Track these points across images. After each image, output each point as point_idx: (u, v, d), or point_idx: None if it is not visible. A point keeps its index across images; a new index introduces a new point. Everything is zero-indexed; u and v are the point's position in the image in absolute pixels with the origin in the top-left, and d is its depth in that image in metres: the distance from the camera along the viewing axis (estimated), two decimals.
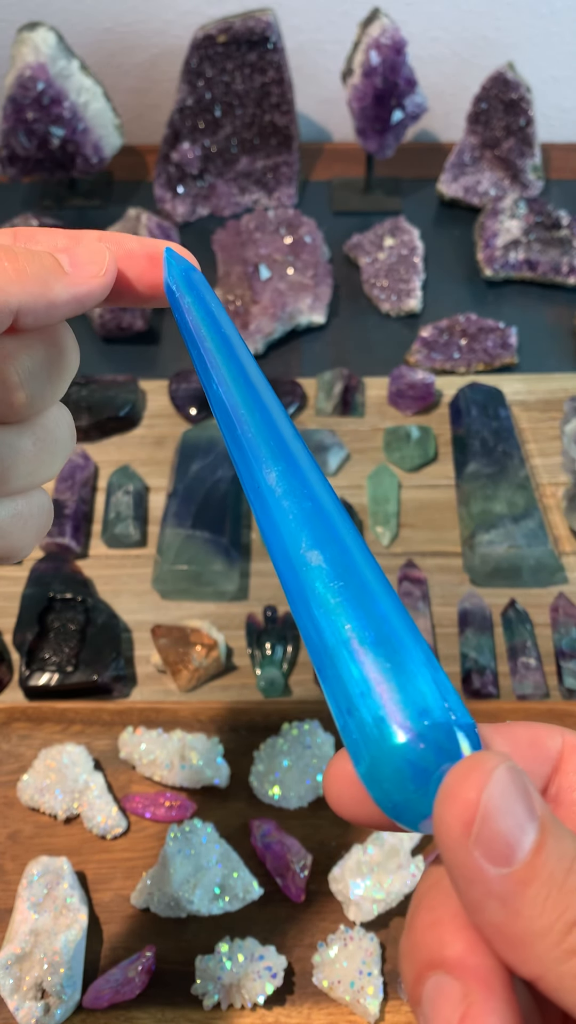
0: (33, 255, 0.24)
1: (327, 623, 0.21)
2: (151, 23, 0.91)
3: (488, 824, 0.16)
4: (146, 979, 0.48)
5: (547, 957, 0.15)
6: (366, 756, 0.19)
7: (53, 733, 0.56)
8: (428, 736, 0.18)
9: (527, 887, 0.16)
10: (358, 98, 0.83)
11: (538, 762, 0.20)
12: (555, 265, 0.83)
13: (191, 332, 0.27)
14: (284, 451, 0.24)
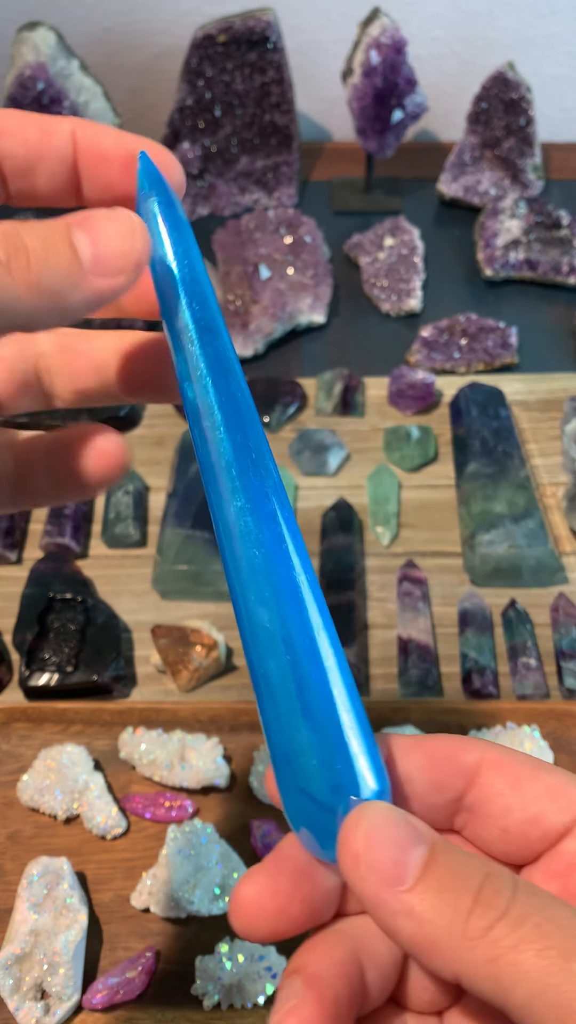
0: (47, 252, 0.21)
1: (265, 686, 0.22)
2: (151, 23, 0.91)
3: (372, 853, 0.18)
4: (146, 979, 0.48)
5: (456, 951, 0.17)
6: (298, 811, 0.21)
7: (53, 733, 0.56)
8: (330, 811, 0.20)
9: (422, 896, 0.18)
10: (358, 98, 0.83)
11: (453, 775, 0.22)
12: (555, 265, 0.83)
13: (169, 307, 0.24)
14: (248, 483, 0.22)
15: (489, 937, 0.17)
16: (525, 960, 0.16)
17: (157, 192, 0.24)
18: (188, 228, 0.24)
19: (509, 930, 0.17)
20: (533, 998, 0.16)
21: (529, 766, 0.22)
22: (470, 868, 0.18)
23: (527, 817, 0.21)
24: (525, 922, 0.17)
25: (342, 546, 0.64)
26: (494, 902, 0.17)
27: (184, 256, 0.24)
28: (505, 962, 0.17)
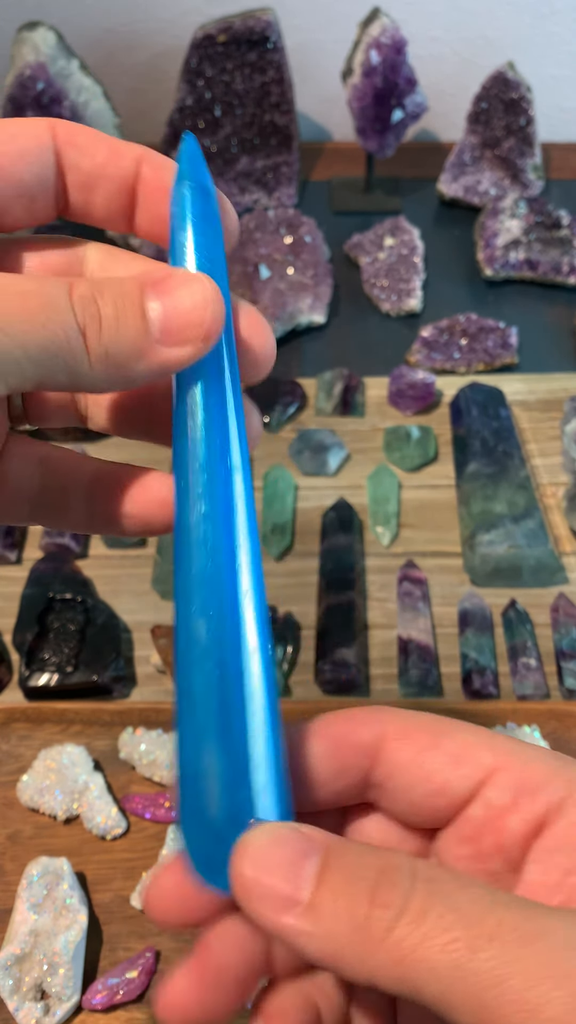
0: (119, 321, 0.20)
1: (186, 701, 0.21)
2: (151, 23, 0.91)
3: (262, 880, 0.18)
4: (146, 980, 0.48)
5: (362, 958, 0.17)
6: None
7: (53, 733, 0.56)
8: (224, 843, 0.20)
9: (319, 913, 0.17)
10: (358, 98, 0.83)
11: (354, 757, 0.21)
12: (555, 265, 0.83)
13: None
14: (215, 490, 0.22)
15: (392, 939, 0.17)
16: (431, 957, 0.16)
17: (192, 177, 0.23)
18: (218, 228, 0.23)
19: (411, 928, 0.16)
20: (444, 994, 0.16)
21: (431, 734, 0.21)
22: (364, 869, 0.18)
23: (431, 789, 0.21)
24: (426, 916, 0.17)
25: (342, 546, 0.64)
26: (391, 901, 0.17)
27: (207, 262, 0.23)
28: (412, 961, 0.16)
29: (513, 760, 0.21)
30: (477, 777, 0.21)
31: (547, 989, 0.16)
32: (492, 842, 0.21)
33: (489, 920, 0.16)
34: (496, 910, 0.17)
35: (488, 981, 0.16)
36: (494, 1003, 0.16)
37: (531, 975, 0.16)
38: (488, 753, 0.21)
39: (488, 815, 0.21)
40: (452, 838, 0.22)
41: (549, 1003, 0.16)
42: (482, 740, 0.21)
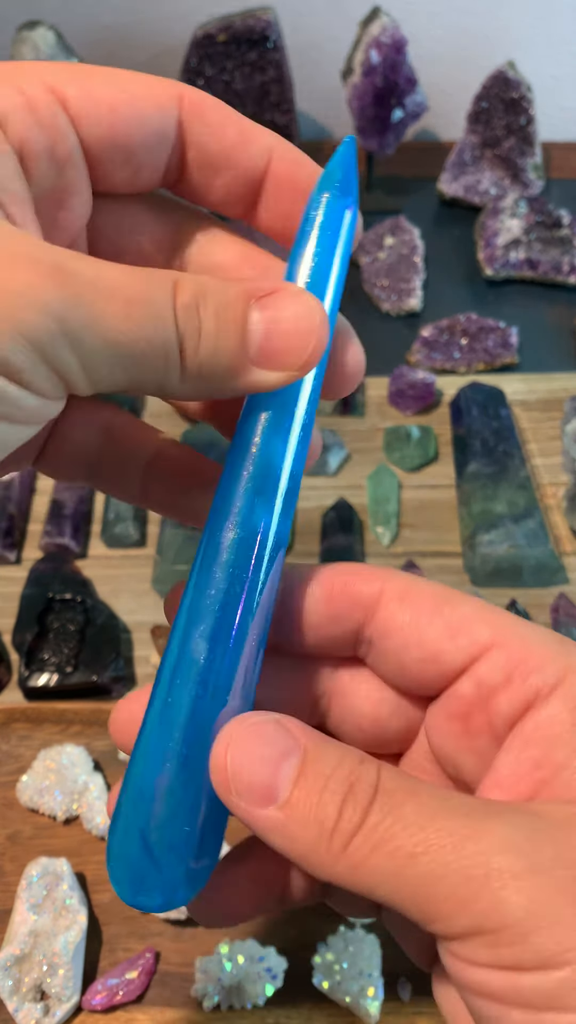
0: (218, 337, 0.18)
1: (161, 715, 0.20)
2: (151, 22, 0.91)
3: (240, 778, 0.18)
4: (146, 980, 0.48)
5: (324, 863, 0.18)
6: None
7: (52, 734, 0.56)
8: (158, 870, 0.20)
9: (291, 815, 0.18)
10: (358, 97, 0.83)
11: (350, 607, 0.22)
12: (556, 264, 0.83)
13: None
14: (253, 516, 0.21)
15: (348, 851, 0.18)
16: (379, 864, 0.18)
17: (339, 185, 0.21)
18: (348, 245, 0.22)
19: (363, 840, 0.18)
20: (392, 895, 0.18)
21: (432, 600, 0.21)
22: (337, 779, 0.18)
23: (424, 655, 0.21)
24: (378, 828, 0.18)
25: (342, 546, 0.64)
26: (354, 816, 0.18)
27: (323, 280, 0.21)
28: (364, 869, 0.18)
29: (511, 638, 0.21)
30: (472, 651, 0.21)
31: (479, 884, 0.17)
32: (481, 721, 0.21)
33: (431, 827, 0.18)
34: (439, 817, 0.18)
35: (426, 881, 0.17)
36: (433, 899, 0.17)
37: (465, 872, 0.17)
38: (486, 628, 0.21)
39: (479, 692, 0.21)
40: (441, 714, 0.22)
41: (479, 898, 0.17)
42: (483, 614, 0.21)
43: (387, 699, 0.23)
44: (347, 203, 0.21)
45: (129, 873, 0.20)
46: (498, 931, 0.17)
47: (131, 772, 0.20)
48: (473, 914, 0.17)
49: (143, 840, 0.20)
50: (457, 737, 0.21)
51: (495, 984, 0.17)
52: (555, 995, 0.16)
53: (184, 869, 0.20)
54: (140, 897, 0.20)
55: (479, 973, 0.17)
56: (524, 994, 0.16)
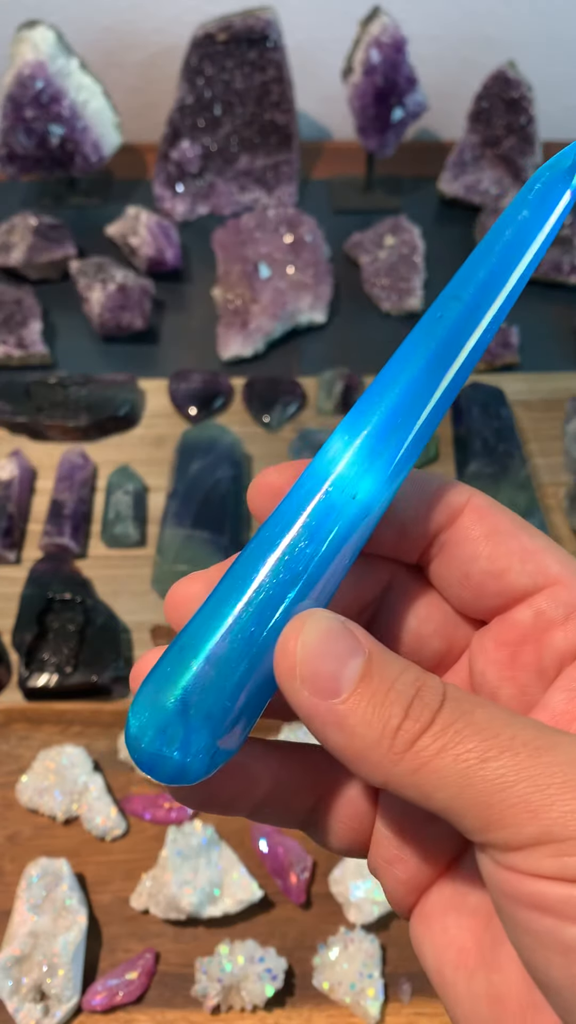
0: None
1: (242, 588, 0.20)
2: (151, 21, 0.91)
3: (307, 665, 0.18)
4: (146, 981, 0.48)
5: (383, 763, 0.18)
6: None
7: (52, 734, 0.56)
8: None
9: (354, 710, 0.18)
10: (359, 96, 0.83)
11: (437, 509, 0.22)
12: (556, 264, 0.83)
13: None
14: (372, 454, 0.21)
15: (414, 749, 0.18)
16: (444, 767, 0.17)
17: (567, 174, 0.21)
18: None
19: (431, 739, 0.17)
20: (452, 800, 0.17)
21: (512, 523, 0.21)
22: (403, 683, 0.18)
23: (492, 569, 0.21)
24: (447, 731, 0.17)
25: None
26: (421, 716, 0.18)
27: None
28: (427, 771, 0.17)
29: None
30: (538, 580, 0.21)
31: (551, 794, 0.17)
32: (531, 653, 0.21)
33: (504, 734, 0.17)
34: (512, 727, 0.18)
35: (495, 787, 0.17)
36: (499, 805, 0.17)
37: (537, 782, 0.17)
38: (558, 564, 0.21)
39: (536, 623, 0.21)
40: (491, 639, 0.22)
41: (552, 806, 0.16)
42: (557, 551, 0.21)
43: (434, 616, 0.23)
44: (569, 184, 0.22)
45: (156, 721, 0.19)
46: (568, 840, 0.16)
47: (189, 631, 0.20)
48: (544, 822, 0.17)
49: (184, 696, 0.19)
50: (503, 666, 0.21)
51: (554, 897, 0.16)
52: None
53: (210, 741, 0.19)
54: (161, 747, 0.19)
55: (539, 885, 0.17)
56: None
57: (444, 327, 0.21)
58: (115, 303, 0.77)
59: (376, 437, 0.20)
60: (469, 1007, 0.19)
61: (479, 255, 0.22)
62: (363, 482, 0.20)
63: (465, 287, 0.21)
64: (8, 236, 0.82)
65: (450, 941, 0.20)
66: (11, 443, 0.72)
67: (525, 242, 0.22)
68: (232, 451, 0.68)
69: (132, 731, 0.19)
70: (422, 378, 0.21)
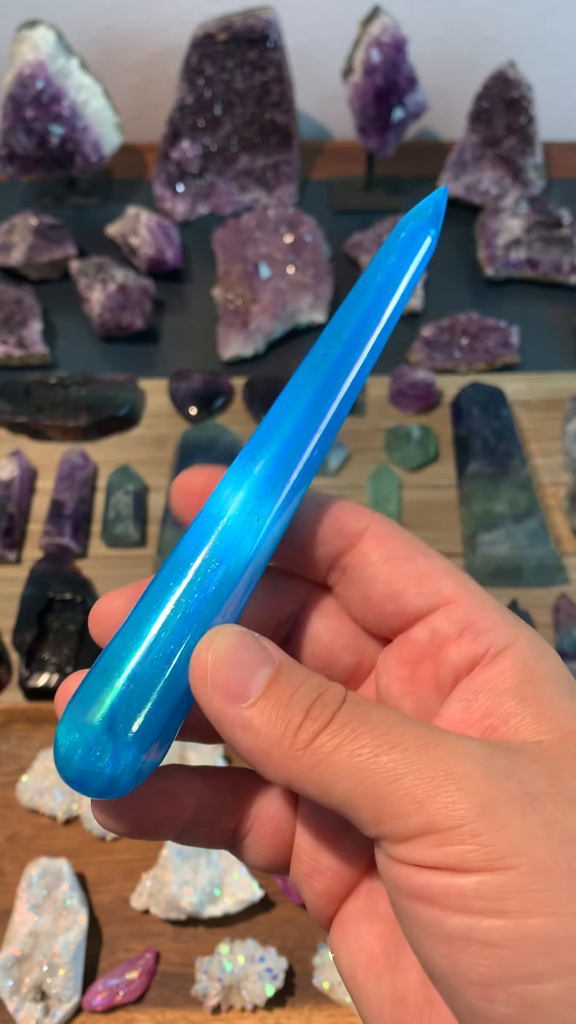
0: None
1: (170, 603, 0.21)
2: (151, 21, 0.91)
3: (217, 672, 0.20)
4: (146, 981, 0.48)
5: (286, 761, 0.19)
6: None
7: (53, 734, 0.56)
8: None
9: (259, 713, 0.19)
10: (359, 96, 0.83)
11: (337, 534, 0.23)
12: (556, 264, 0.83)
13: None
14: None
15: (312, 746, 0.19)
16: (340, 761, 0.18)
17: (429, 223, 0.24)
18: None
19: (329, 737, 0.19)
20: (348, 792, 0.18)
21: (409, 547, 0.23)
22: (306, 688, 0.20)
23: (389, 591, 0.23)
24: (343, 728, 0.19)
25: None
26: (320, 716, 0.19)
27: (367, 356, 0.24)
28: (324, 766, 0.19)
29: (470, 599, 0.22)
30: (432, 600, 0.22)
31: (435, 785, 0.18)
32: (429, 668, 0.22)
33: (395, 732, 0.19)
34: (403, 726, 0.19)
35: (385, 779, 0.18)
36: (390, 797, 0.18)
37: (423, 775, 0.18)
38: (451, 584, 0.22)
39: (432, 641, 0.22)
40: (394, 657, 0.23)
41: (436, 797, 0.18)
42: (451, 572, 0.23)
43: (345, 633, 0.24)
44: (429, 232, 0.25)
45: (85, 738, 0.20)
46: (449, 830, 0.17)
47: (111, 652, 0.21)
48: (428, 812, 0.17)
49: (110, 713, 0.20)
50: (404, 681, 0.23)
51: (437, 887, 0.17)
52: (495, 898, 0.17)
53: (137, 755, 0.20)
54: (92, 763, 0.20)
55: (424, 876, 0.18)
56: (466, 896, 0.17)
57: (327, 364, 0.23)
58: (115, 303, 0.77)
59: (273, 466, 0.22)
60: (376, 1008, 0.21)
61: (356, 296, 0.24)
62: (263, 507, 0.22)
63: (344, 327, 0.24)
64: (8, 236, 0.83)
65: (361, 946, 0.21)
66: (11, 443, 0.72)
67: (393, 285, 0.24)
68: (232, 451, 0.68)
69: (62, 751, 0.20)
70: (309, 411, 0.23)
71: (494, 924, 0.17)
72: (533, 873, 0.17)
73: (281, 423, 0.23)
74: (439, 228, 0.25)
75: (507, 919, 0.17)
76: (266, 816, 0.23)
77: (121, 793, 0.20)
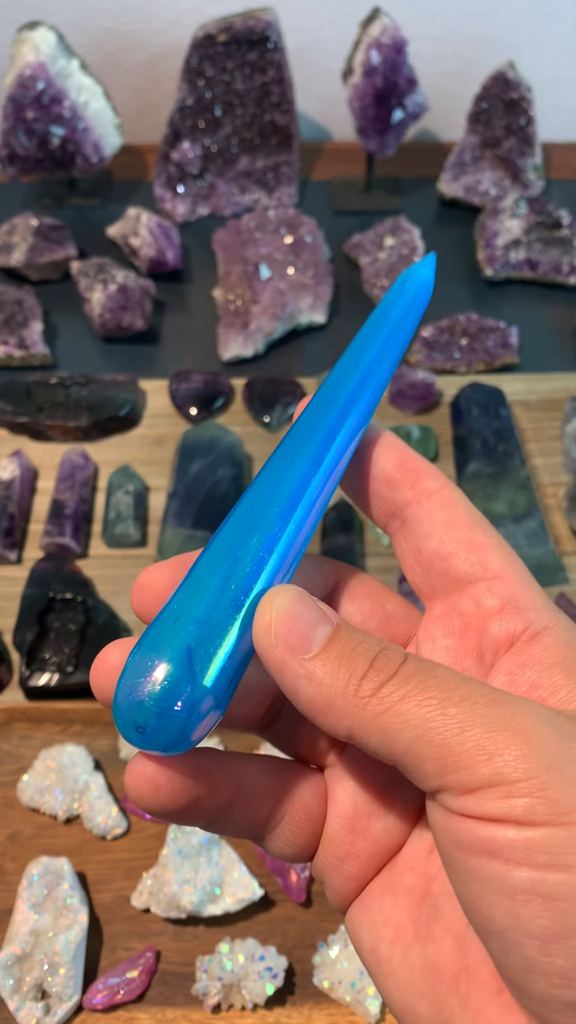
0: None
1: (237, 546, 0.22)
2: (151, 22, 0.91)
3: (281, 624, 0.20)
4: (147, 980, 0.48)
5: (350, 709, 0.19)
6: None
7: (53, 733, 0.56)
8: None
9: (323, 663, 0.20)
10: (358, 97, 0.83)
11: (411, 486, 0.24)
12: (556, 265, 0.83)
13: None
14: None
15: (378, 695, 0.19)
16: (408, 710, 0.19)
17: (422, 296, 0.28)
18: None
19: (395, 687, 0.19)
20: (414, 742, 0.18)
21: (470, 518, 0.24)
22: (368, 643, 0.20)
23: (439, 551, 0.23)
24: (410, 680, 0.19)
25: (342, 546, 0.64)
26: (385, 668, 0.19)
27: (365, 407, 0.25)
28: (391, 714, 0.19)
29: (515, 579, 0.23)
30: (478, 571, 0.23)
31: (504, 738, 0.18)
32: (472, 640, 0.23)
33: (463, 688, 0.19)
34: (469, 683, 0.19)
35: (454, 730, 0.18)
36: (457, 748, 0.18)
37: (493, 727, 0.18)
38: (500, 561, 0.23)
39: (476, 613, 0.23)
40: (439, 627, 0.23)
41: (506, 750, 0.18)
42: (503, 551, 0.23)
43: (376, 614, 0.25)
44: (425, 293, 0.27)
45: (162, 682, 0.19)
46: (518, 782, 0.17)
47: (179, 600, 0.21)
48: (496, 764, 0.18)
49: (189, 656, 0.20)
50: (448, 651, 0.23)
51: (502, 840, 0.17)
52: (561, 852, 0.17)
53: (211, 705, 0.20)
54: (168, 706, 0.19)
55: (488, 829, 0.18)
56: (532, 849, 0.17)
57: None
58: (116, 303, 0.77)
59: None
60: (405, 980, 0.21)
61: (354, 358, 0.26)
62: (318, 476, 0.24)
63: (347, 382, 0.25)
64: (9, 237, 0.83)
65: (386, 920, 0.22)
66: (12, 443, 0.72)
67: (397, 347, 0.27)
68: (233, 451, 0.68)
69: (131, 695, 0.19)
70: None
71: (559, 878, 0.17)
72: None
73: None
74: (431, 288, 0.27)
75: (572, 873, 0.17)
76: (300, 803, 0.23)
77: (186, 746, 0.20)
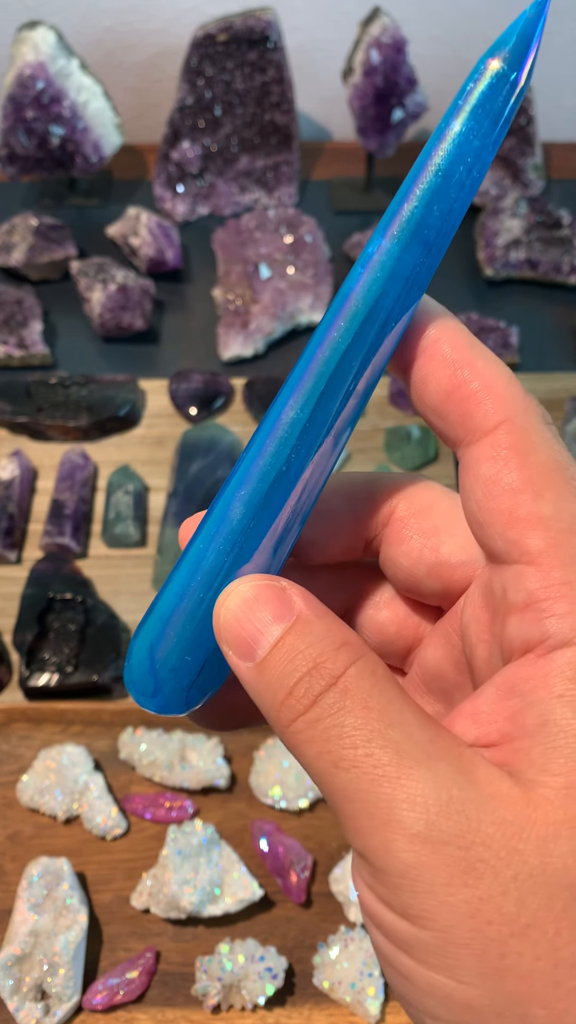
0: None
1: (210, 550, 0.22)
2: (151, 22, 0.91)
3: (228, 629, 0.20)
4: (146, 980, 0.48)
5: (276, 727, 0.19)
6: None
7: (53, 734, 0.56)
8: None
9: (259, 675, 0.19)
10: (359, 97, 0.83)
11: (461, 424, 0.22)
12: (556, 264, 0.83)
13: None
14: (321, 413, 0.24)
15: (291, 727, 0.19)
16: (310, 754, 0.19)
17: (512, 63, 0.21)
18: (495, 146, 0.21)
19: (304, 726, 0.19)
20: (317, 783, 0.19)
21: (526, 473, 0.20)
22: (303, 657, 0.19)
23: (475, 517, 0.21)
24: (316, 725, 0.19)
25: None
26: (304, 696, 0.19)
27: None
28: (300, 751, 0.19)
29: (555, 570, 0.19)
30: (512, 552, 0.19)
31: (375, 825, 0.18)
32: (497, 625, 0.20)
33: (361, 749, 0.18)
34: (373, 743, 0.18)
35: (340, 796, 0.18)
36: (341, 810, 0.18)
37: (368, 808, 0.18)
38: (542, 541, 0.19)
39: (503, 601, 0.20)
40: (480, 596, 0.21)
41: (371, 836, 0.18)
42: (554, 526, 0.20)
43: (398, 610, 0.25)
44: (512, 78, 0.21)
45: (135, 676, 0.22)
46: (378, 872, 0.18)
47: (159, 595, 0.22)
48: (365, 846, 0.18)
49: (151, 654, 0.22)
50: (481, 626, 0.21)
51: (368, 904, 0.18)
52: (412, 945, 0.17)
53: (177, 689, 0.22)
54: (139, 697, 0.22)
55: (363, 888, 0.19)
56: (385, 923, 0.18)
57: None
58: (115, 303, 0.77)
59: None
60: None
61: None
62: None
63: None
64: (9, 236, 0.83)
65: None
66: (12, 443, 0.72)
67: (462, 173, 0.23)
68: (232, 451, 0.68)
69: (131, 687, 0.22)
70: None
71: (431, 978, 0.18)
72: (444, 944, 0.17)
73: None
74: (526, 66, 0.20)
75: (437, 973, 0.18)
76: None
77: (178, 713, 0.22)
